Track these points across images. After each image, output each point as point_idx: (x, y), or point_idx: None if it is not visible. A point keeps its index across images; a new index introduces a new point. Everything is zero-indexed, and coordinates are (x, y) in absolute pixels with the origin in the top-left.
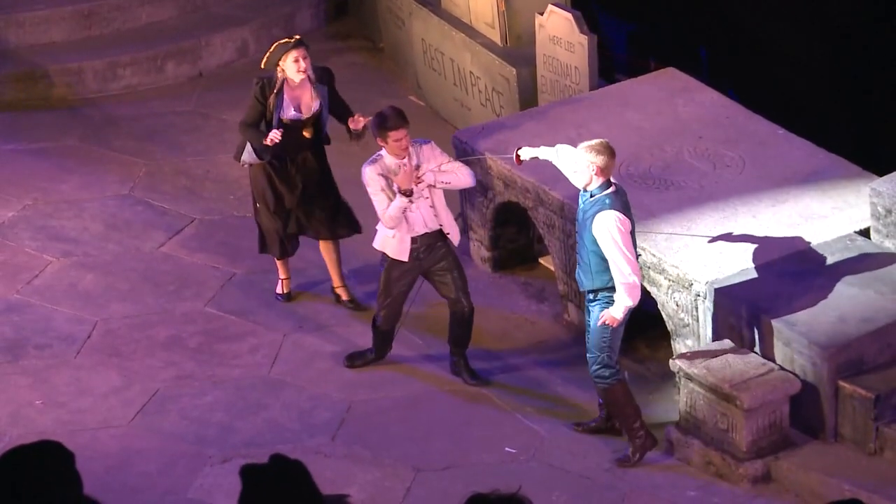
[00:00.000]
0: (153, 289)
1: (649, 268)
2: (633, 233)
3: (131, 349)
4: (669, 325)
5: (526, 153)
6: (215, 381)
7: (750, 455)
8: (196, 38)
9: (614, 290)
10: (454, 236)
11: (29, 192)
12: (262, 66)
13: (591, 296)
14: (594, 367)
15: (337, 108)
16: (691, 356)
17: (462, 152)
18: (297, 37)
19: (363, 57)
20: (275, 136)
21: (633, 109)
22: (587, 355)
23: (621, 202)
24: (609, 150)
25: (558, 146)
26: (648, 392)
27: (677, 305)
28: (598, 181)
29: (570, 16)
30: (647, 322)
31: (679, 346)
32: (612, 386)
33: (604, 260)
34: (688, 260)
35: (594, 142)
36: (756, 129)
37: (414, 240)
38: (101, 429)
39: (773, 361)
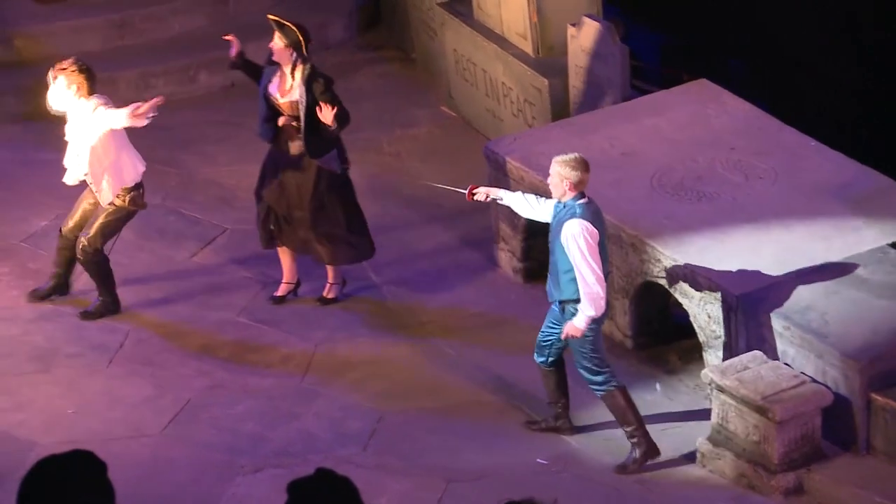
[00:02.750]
0: (185, 298)
1: (681, 279)
2: (602, 244)
3: (163, 358)
4: (701, 337)
5: (482, 193)
6: (247, 391)
7: (782, 467)
8: (228, 49)
9: None
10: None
11: (61, 202)
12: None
13: (559, 307)
14: (586, 377)
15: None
16: (723, 368)
17: (494, 162)
18: (274, 18)
19: (395, 67)
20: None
21: (665, 121)
22: (578, 369)
23: (591, 212)
24: (583, 165)
25: (523, 194)
26: (681, 404)
27: (709, 317)
28: (570, 195)
29: (602, 27)
30: (679, 333)
31: (711, 357)
32: (609, 392)
33: (572, 270)
34: (720, 271)
35: (568, 156)
36: (788, 141)
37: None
38: (133, 438)
39: (805, 373)
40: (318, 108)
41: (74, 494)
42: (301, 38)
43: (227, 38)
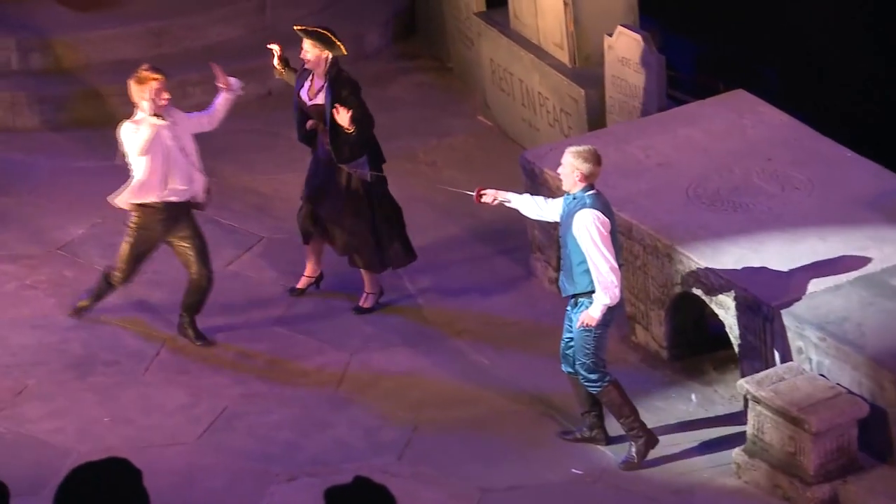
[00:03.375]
0: (221, 307)
1: (717, 290)
2: (613, 233)
3: (199, 366)
4: (737, 348)
5: (490, 196)
6: (282, 400)
7: (818, 479)
8: (265, 58)
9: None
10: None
11: (98, 210)
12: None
13: (571, 301)
14: (582, 373)
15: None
16: (759, 379)
17: (530, 172)
18: (302, 27)
19: (431, 76)
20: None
21: (701, 131)
22: (575, 364)
23: (602, 203)
24: (595, 158)
25: (532, 196)
26: (716, 415)
27: (745, 328)
28: (580, 186)
29: (638, 37)
30: (714, 344)
31: (747, 368)
32: (604, 388)
33: (585, 262)
34: (756, 282)
35: (581, 147)
36: (825, 151)
37: (162, 207)
38: (168, 446)
39: (841, 384)
40: (334, 111)
41: (110, 502)
42: (336, 40)
43: (270, 46)
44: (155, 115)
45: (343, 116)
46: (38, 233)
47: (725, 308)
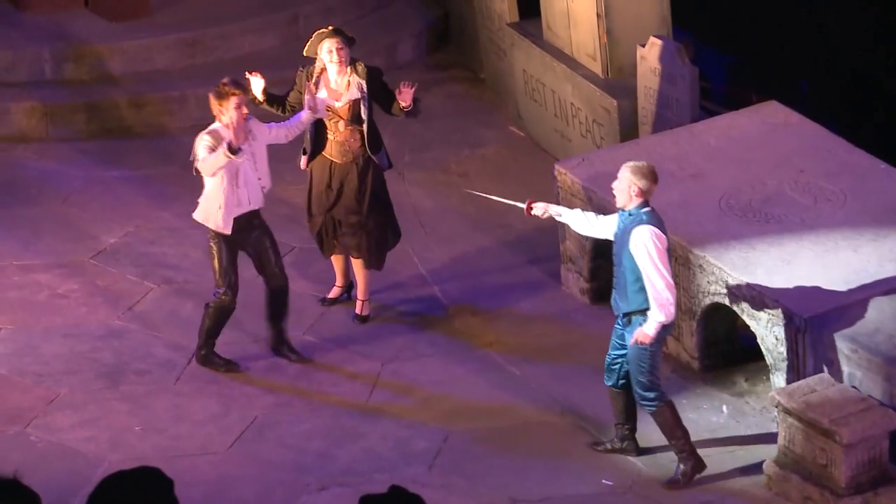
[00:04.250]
0: (252, 317)
1: (749, 301)
2: (668, 251)
3: (230, 376)
4: (769, 359)
5: (540, 209)
6: (313, 409)
7: (849, 491)
8: (297, 67)
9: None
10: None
11: (131, 219)
12: (304, 53)
13: (624, 320)
14: (639, 392)
15: (382, 99)
16: (790, 390)
17: (562, 183)
18: (332, 27)
19: (464, 87)
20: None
21: (734, 142)
22: (631, 383)
23: (658, 220)
24: (653, 175)
25: (583, 211)
26: (748, 426)
27: (777, 339)
28: (636, 202)
29: (671, 48)
30: (746, 355)
31: (778, 380)
32: (659, 408)
33: (640, 280)
34: (788, 294)
35: (640, 163)
36: (857, 163)
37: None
38: (199, 455)
39: (873, 396)
40: (397, 92)
41: None
42: (349, 35)
43: (251, 75)
44: (234, 132)
45: (408, 94)
46: (71, 242)
47: (757, 319)
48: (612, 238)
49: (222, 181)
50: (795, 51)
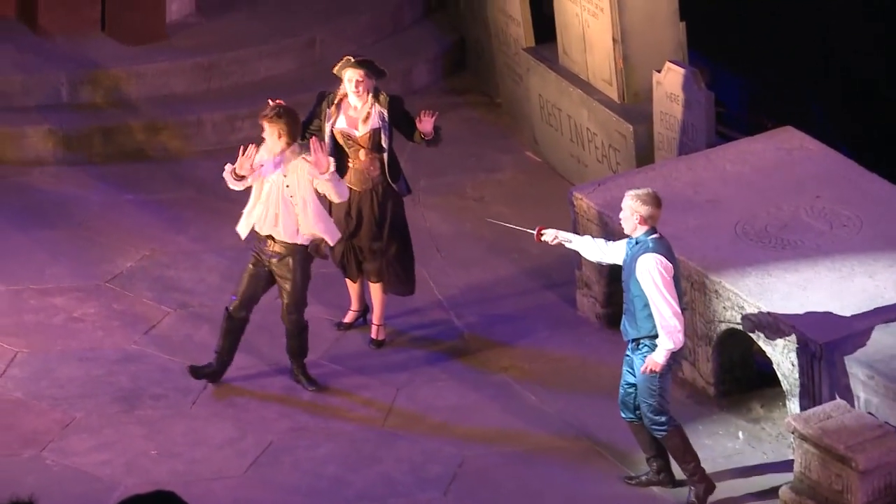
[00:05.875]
0: (269, 340)
1: (765, 327)
2: (676, 279)
3: (246, 400)
4: (785, 385)
5: (550, 235)
6: (329, 434)
7: None
8: (314, 92)
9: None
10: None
11: (147, 243)
12: (335, 72)
13: (633, 345)
14: (649, 416)
15: (404, 127)
16: (806, 417)
17: (578, 208)
18: (360, 58)
19: (480, 112)
20: (315, 143)
21: (750, 168)
22: (642, 408)
23: (665, 247)
24: (655, 201)
25: (593, 238)
26: (764, 452)
27: (793, 365)
28: (642, 229)
29: (687, 73)
30: (762, 381)
31: (794, 406)
32: (669, 432)
33: (649, 306)
34: (804, 320)
35: (641, 191)
36: (873, 189)
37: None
38: (215, 480)
39: (890, 423)
40: (420, 119)
41: None
42: (379, 67)
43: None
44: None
45: (428, 122)
46: (87, 266)
47: (773, 345)
48: (621, 264)
49: (254, 188)
50: (811, 76)
